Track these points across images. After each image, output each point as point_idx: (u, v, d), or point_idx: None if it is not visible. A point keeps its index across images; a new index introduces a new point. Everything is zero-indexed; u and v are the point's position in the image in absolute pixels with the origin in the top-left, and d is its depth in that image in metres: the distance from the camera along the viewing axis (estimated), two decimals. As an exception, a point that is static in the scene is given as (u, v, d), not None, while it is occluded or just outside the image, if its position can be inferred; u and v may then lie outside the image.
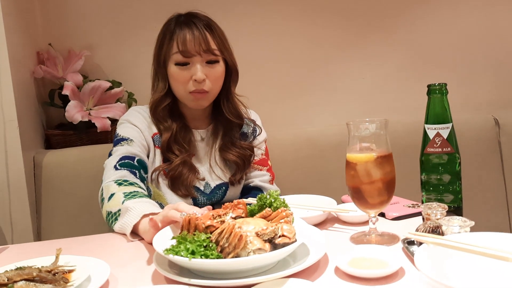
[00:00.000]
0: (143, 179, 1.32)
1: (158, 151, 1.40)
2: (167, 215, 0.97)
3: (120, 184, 1.24)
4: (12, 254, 1.06)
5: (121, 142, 1.36)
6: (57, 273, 0.82)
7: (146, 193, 1.25)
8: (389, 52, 2.25)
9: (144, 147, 1.38)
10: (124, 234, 1.12)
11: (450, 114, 0.96)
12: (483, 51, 2.29)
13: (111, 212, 1.17)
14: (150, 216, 1.03)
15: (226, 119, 1.44)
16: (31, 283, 0.76)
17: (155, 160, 1.40)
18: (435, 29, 2.26)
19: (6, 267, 0.83)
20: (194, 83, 1.33)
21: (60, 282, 0.78)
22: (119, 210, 1.14)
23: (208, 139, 1.46)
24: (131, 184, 1.25)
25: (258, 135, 1.53)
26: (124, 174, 1.28)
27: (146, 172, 1.36)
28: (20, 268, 0.79)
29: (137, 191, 1.21)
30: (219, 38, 1.36)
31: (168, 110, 1.41)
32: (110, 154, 1.36)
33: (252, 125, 1.52)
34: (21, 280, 0.76)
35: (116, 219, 1.15)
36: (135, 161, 1.33)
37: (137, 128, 1.39)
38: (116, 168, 1.29)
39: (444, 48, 2.27)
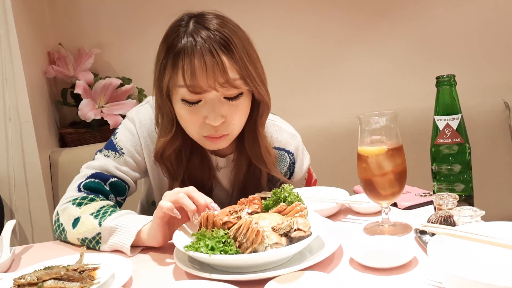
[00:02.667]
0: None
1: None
2: (178, 200, 0.91)
3: (79, 204, 1.08)
4: (37, 253, 1.10)
5: (109, 151, 1.17)
6: (83, 271, 0.85)
7: (111, 203, 1.11)
8: (397, 38, 2.24)
9: (136, 162, 1.18)
10: None
11: (459, 105, 0.97)
12: (491, 34, 2.28)
13: (86, 238, 1.03)
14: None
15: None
16: (59, 281, 0.80)
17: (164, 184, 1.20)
18: (442, 14, 2.25)
19: (34, 266, 0.87)
20: (208, 126, 1.04)
21: (86, 280, 0.82)
22: (99, 234, 1.01)
23: (228, 168, 1.21)
24: (92, 200, 1.09)
25: (295, 172, 1.24)
26: (84, 197, 1.11)
27: (121, 195, 1.18)
28: (48, 268, 0.83)
29: (103, 206, 1.07)
30: (242, 62, 1.01)
31: (179, 149, 1.13)
32: (95, 153, 1.20)
33: (289, 159, 1.24)
34: (50, 279, 0.80)
35: (98, 242, 1.02)
36: (106, 184, 1.14)
37: (138, 138, 1.17)
38: (78, 190, 1.12)
39: (452, 33, 2.27)
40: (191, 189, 0.96)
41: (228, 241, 0.83)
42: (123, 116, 1.89)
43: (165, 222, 0.96)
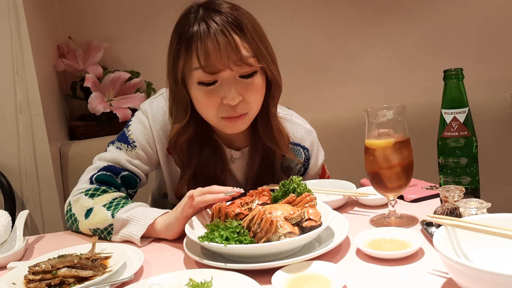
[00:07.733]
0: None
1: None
2: (212, 196, 0.95)
3: (92, 195, 1.10)
4: (49, 243, 1.12)
5: (122, 144, 1.18)
6: (95, 260, 0.87)
7: (123, 194, 1.14)
8: (404, 33, 2.24)
9: (148, 156, 1.19)
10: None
11: (466, 98, 0.98)
12: (498, 28, 2.27)
13: (98, 229, 1.05)
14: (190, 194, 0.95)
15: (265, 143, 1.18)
16: (73, 269, 0.82)
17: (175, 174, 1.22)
18: (449, 8, 2.24)
19: (48, 255, 0.90)
20: (226, 107, 1.05)
21: (99, 268, 0.84)
22: (111, 225, 1.03)
23: (242, 159, 1.23)
24: (104, 191, 1.11)
25: (309, 168, 1.27)
26: (96, 188, 1.13)
27: (132, 188, 1.20)
28: (62, 256, 0.85)
29: (115, 198, 1.09)
30: (254, 41, 1.03)
31: (190, 139, 1.15)
32: (108, 145, 1.21)
33: (304, 155, 1.26)
34: (64, 267, 0.82)
35: (109, 233, 1.04)
36: (118, 177, 1.16)
37: (151, 131, 1.18)
38: (90, 182, 1.14)
39: (459, 27, 2.26)
40: (212, 187, 0.98)
41: (242, 231, 0.85)
42: (132, 110, 1.91)
43: (188, 219, 0.97)
